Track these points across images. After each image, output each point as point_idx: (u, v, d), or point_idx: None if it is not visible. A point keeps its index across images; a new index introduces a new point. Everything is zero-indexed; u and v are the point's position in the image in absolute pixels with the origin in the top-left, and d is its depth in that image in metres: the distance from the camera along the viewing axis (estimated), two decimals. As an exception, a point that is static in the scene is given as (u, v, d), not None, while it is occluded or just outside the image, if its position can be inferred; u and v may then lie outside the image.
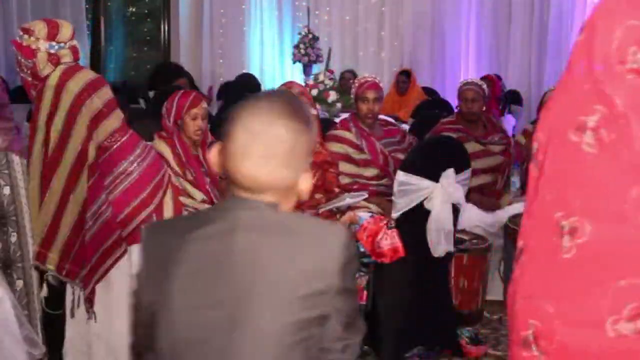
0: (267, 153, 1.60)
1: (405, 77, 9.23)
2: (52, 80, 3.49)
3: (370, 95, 5.11)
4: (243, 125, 1.61)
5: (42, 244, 3.63)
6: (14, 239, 4.06)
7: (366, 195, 4.78)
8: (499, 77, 8.88)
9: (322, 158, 4.92)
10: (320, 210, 4.78)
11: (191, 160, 4.57)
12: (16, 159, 4.03)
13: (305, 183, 1.67)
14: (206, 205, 4.55)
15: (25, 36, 3.48)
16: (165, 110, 4.59)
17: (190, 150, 4.59)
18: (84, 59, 10.77)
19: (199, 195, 4.55)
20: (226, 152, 1.63)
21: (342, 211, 4.85)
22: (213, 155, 1.70)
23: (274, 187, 1.64)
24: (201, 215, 1.80)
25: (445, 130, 5.30)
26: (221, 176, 4.64)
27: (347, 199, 4.72)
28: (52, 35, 3.54)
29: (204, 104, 4.60)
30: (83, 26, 10.72)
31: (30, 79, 3.56)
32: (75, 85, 3.48)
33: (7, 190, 4.01)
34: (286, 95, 1.68)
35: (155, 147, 4.45)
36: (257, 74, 9.50)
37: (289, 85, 5.10)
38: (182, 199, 4.52)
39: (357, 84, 5.27)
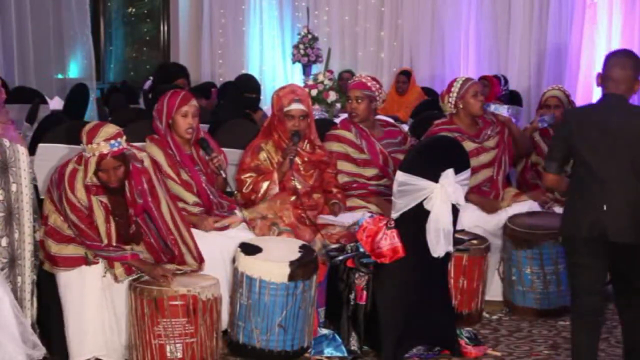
0: (624, 66, 3.65)
1: (404, 77, 9.22)
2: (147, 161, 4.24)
3: (352, 93, 5.12)
4: (616, 58, 3.68)
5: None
6: (16, 236, 4.07)
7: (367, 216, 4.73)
8: (505, 78, 8.88)
9: (318, 158, 4.91)
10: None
11: (185, 160, 4.53)
12: (21, 149, 4.07)
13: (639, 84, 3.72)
14: (199, 208, 4.52)
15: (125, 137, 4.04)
16: (156, 112, 4.56)
17: (183, 150, 4.56)
18: (85, 59, 10.76)
19: (190, 198, 4.51)
20: (606, 70, 3.68)
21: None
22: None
23: (627, 83, 3.64)
24: (590, 106, 4.16)
25: (439, 131, 5.18)
26: (216, 173, 4.62)
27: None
28: None
29: (194, 102, 4.55)
30: (85, 27, 10.70)
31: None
32: None
33: (14, 188, 4.04)
34: (629, 51, 3.87)
35: (147, 151, 4.39)
36: (256, 74, 9.49)
37: (286, 86, 5.09)
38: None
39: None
